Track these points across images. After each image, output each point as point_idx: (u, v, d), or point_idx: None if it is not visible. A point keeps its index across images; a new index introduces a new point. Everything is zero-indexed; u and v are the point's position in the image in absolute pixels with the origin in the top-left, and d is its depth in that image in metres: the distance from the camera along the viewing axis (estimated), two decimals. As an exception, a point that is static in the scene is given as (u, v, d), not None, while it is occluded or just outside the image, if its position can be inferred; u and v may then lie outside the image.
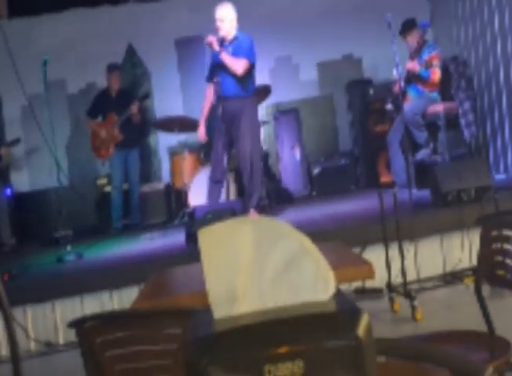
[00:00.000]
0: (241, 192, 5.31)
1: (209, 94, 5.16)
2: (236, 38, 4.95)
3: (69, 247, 5.11)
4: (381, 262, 3.86)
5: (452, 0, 6.78)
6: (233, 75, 4.85)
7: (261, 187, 5.18)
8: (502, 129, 6.02)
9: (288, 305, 0.88)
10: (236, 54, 4.89)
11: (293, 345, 0.76)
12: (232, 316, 0.90)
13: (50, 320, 4.12)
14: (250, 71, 4.91)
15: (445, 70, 5.67)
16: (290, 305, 0.88)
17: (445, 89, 5.66)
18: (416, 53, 5.42)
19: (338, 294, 0.91)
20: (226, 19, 4.89)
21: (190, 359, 0.75)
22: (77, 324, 1.54)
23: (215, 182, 5.02)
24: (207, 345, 0.79)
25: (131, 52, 7.56)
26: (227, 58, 4.82)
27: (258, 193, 5.04)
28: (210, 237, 0.98)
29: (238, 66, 4.80)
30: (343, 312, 0.83)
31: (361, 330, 0.77)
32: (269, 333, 0.76)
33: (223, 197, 5.14)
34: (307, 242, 0.97)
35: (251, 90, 5.00)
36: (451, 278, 4.07)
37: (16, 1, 6.97)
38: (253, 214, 5.03)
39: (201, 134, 5.24)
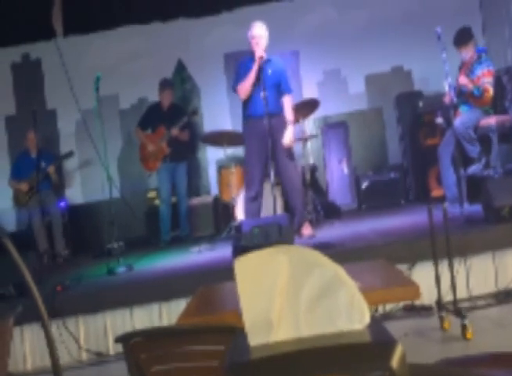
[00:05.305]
0: (288, 207, 5.32)
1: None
2: (268, 60, 4.98)
3: (121, 259, 5.22)
4: (431, 279, 3.79)
5: (505, 9, 6.63)
6: (278, 93, 4.97)
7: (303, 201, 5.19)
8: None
9: (323, 334, 0.88)
10: (274, 78, 4.95)
11: (328, 375, 0.76)
12: (268, 344, 0.90)
13: (101, 331, 4.21)
14: None
15: (497, 81, 5.52)
16: (325, 334, 0.88)
17: (498, 101, 5.52)
18: (468, 67, 5.29)
19: (373, 323, 0.90)
20: (264, 37, 4.94)
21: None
22: (124, 340, 1.58)
23: (252, 201, 5.05)
24: (242, 372, 0.80)
25: (180, 67, 7.71)
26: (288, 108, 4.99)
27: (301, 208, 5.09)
28: (246, 266, 0.99)
29: (291, 112, 5.02)
30: (377, 343, 0.82)
31: (395, 362, 0.76)
32: (304, 362, 0.77)
33: (269, 211, 5.14)
34: (341, 271, 0.97)
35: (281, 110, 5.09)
36: (504, 296, 3.95)
37: (71, 19, 7.23)
38: (306, 227, 5.03)
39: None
